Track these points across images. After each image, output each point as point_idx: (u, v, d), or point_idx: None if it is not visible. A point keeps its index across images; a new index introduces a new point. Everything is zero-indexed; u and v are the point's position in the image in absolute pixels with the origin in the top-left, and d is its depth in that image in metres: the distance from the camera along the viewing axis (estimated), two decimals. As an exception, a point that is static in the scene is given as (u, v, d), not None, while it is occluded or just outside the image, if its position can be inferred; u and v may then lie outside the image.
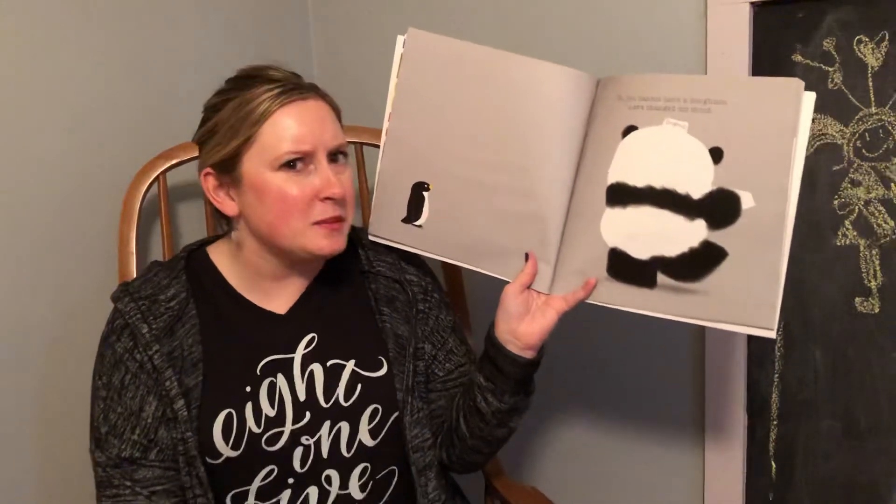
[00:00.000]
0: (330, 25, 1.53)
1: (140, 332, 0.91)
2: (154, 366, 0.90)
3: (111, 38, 1.18)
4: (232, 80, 0.95)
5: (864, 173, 1.12)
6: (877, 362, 1.14)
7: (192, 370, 0.92)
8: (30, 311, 1.10)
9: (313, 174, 0.91)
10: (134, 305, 0.92)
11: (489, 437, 1.01)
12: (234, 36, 1.39)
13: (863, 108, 1.10)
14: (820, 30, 1.10)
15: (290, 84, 0.92)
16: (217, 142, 0.92)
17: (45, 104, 1.10)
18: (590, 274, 0.92)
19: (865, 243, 1.13)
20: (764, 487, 1.26)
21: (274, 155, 0.89)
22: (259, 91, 0.90)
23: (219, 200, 0.94)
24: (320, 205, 0.91)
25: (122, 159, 1.19)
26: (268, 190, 0.90)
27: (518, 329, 0.95)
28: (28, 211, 1.09)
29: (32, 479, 1.12)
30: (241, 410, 0.92)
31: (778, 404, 1.23)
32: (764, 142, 0.84)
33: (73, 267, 1.15)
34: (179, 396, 0.90)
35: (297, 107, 0.91)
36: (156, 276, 0.96)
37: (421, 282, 1.05)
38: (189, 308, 0.94)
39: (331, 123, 0.94)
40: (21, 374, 1.10)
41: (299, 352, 0.96)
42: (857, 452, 1.18)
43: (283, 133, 0.90)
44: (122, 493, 0.91)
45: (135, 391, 0.91)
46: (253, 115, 0.90)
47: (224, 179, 0.93)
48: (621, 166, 0.90)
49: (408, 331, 1.00)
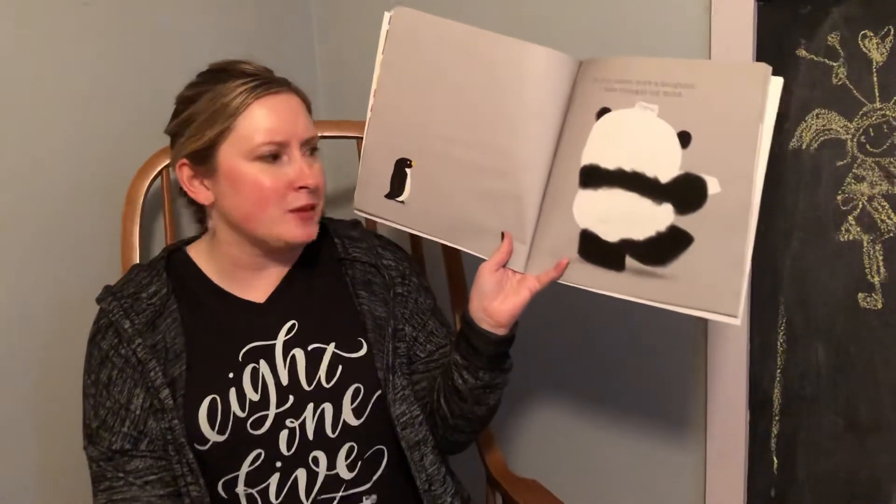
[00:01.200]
0: (332, 21, 1.53)
1: (123, 328, 0.94)
2: (139, 359, 0.93)
3: (114, 33, 1.18)
4: (205, 74, 0.97)
5: (868, 169, 1.11)
6: (879, 358, 1.14)
7: (176, 360, 0.94)
8: (33, 305, 1.11)
9: (287, 165, 0.94)
10: (117, 304, 0.95)
11: (469, 415, 1.02)
12: (238, 31, 1.39)
13: (867, 104, 1.10)
14: (825, 25, 1.10)
15: (264, 78, 0.95)
16: (192, 133, 0.94)
17: (48, 99, 1.10)
18: (563, 255, 0.93)
19: (869, 239, 1.13)
20: (765, 483, 1.26)
21: (250, 146, 0.92)
22: (234, 84, 0.93)
23: (193, 190, 0.97)
24: (294, 194, 0.94)
25: (125, 154, 1.19)
26: (243, 180, 0.93)
27: (490, 306, 0.96)
28: (31, 205, 1.10)
29: (34, 473, 1.13)
30: (226, 395, 0.94)
31: (780, 400, 1.23)
32: (730, 127, 0.83)
33: (76, 261, 1.15)
34: (164, 386, 0.92)
35: (272, 100, 0.94)
36: (137, 276, 1.00)
37: (398, 266, 1.08)
38: (170, 303, 0.97)
39: (303, 116, 0.97)
40: (24, 367, 1.11)
41: (280, 338, 0.99)
42: (858, 448, 1.18)
43: (259, 125, 0.92)
44: (116, 485, 0.93)
45: (122, 385, 0.94)
46: (229, 107, 0.92)
47: (199, 169, 0.96)
48: (595, 148, 0.90)
49: (386, 312, 1.03)
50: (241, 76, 0.94)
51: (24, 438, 1.12)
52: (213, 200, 0.96)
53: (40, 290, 1.11)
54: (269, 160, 0.93)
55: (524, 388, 1.44)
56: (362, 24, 1.49)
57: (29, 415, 1.12)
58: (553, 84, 0.92)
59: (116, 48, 1.19)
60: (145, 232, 1.20)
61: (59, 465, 1.15)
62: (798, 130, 1.15)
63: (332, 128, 1.30)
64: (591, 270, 0.92)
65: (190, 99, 0.95)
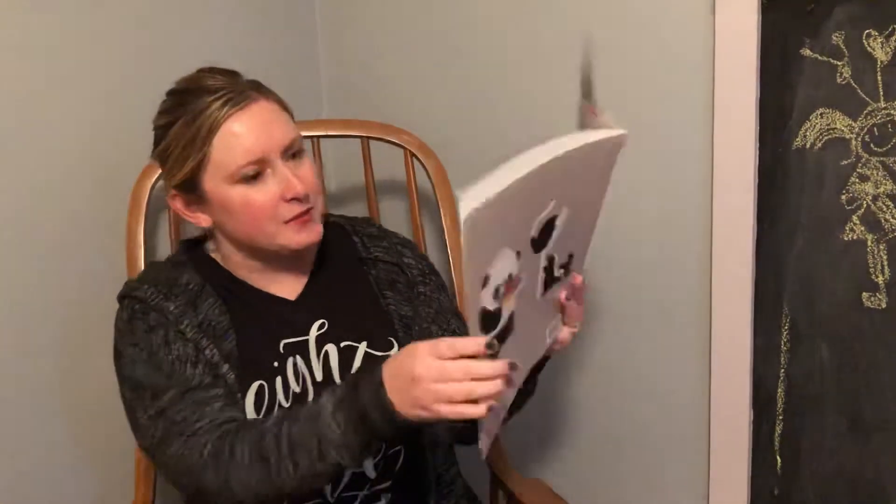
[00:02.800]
0: (336, 19, 1.53)
1: (167, 310, 0.92)
2: (189, 338, 0.92)
3: (119, 33, 1.19)
4: (173, 95, 0.95)
5: (872, 168, 1.11)
6: (884, 358, 1.14)
7: (224, 336, 0.94)
8: (39, 303, 1.11)
9: (271, 177, 0.92)
10: (154, 290, 0.94)
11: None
12: (242, 30, 1.39)
13: (871, 103, 1.09)
14: (829, 24, 1.10)
15: (229, 91, 0.91)
16: (172, 164, 0.93)
17: (54, 100, 1.11)
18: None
19: (873, 238, 1.13)
20: (769, 482, 1.26)
21: (229, 171, 0.91)
22: (201, 106, 0.90)
23: (192, 216, 0.97)
24: (285, 205, 0.93)
25: (130, 152, 1.19)
26: (232, 204, 0.92)
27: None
28: (36, 205, 1.10)
29: (59, 469, 1.14)
30: (273, 383, 0.94)
31: (784, 399, 1.23)
32: None
33: (81, 260, 1.16)
34: (223, 361, 0.92)
35: (241, 115, 0.91)
36: (163, 267, 0.99)
37: (419, 265, 1.08)
38: (206, 288, 0.97)
39: (278, 123, 0.93)
40: (31, 366, 1.11)
41: (313, 333, 0.99)
42: (862, 448, 1.17)
43: (234, 147, 0.90)
44: (191, 418, 0.87)
45: (184, 343, 0.91)
46: (200, 133, 0.90)
47: (189, 198, 0.95)
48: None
49: (411, 311, 1.03)
50: (207, 94, 0.91)
51: (44, 438, 1.12)
52: (212, 223, 0.96)
53: (46, 289, 1.12)
54: (252, 179, 0.91)
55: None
56: (367, 22, 1.49)
57: (42, 410, 1.12)
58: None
59: (120, 47, 1.19)
60: (150, 230, 1.20)
61: (63, 464, 1.16)
62: (802, 130, 1.15)
63: (336, 126, 1.30)
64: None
65: (164, 127, 0.94)
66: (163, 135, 0.94)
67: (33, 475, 1.12)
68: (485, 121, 1.40)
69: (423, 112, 1.44)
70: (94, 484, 1.20)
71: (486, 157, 1.36)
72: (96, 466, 1.20)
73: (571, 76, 1.29)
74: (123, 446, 1.09)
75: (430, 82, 1.44)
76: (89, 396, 1.17)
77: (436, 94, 1.44)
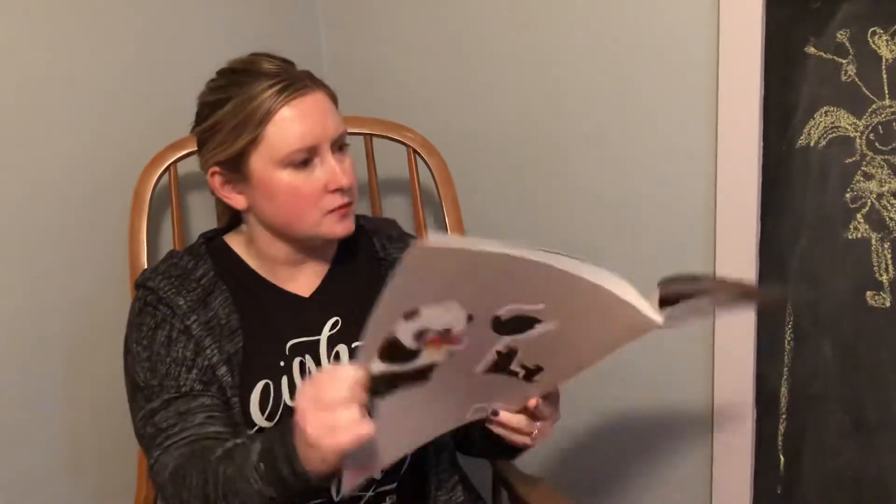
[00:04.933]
0: (339, 16, 1.53)
1: (176, 304, 0.92)
2: (194, 335, 0.92)
3: (121, 31, 1.18)
4: (226, 74, 0.95)
5: (876, 166, 1.11)
6: (887, 357, 1.14)
7: (231, 337, 0.93)
8: (42, 301, 1.11)
9: (318, 167, 0.93)
10: (167, 282, 0.94)
11: (496, 449, 0.98)
12: (244, 27, 1.39)
13: (876, 101, 1.09)
14: (834, 21, 1.09)
15: (287, 77, 0.92)
16: (221, 140, 0.92)
17: (56, 96, 1.11)
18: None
19: (877, 237, 1.12)
20: (772, 481, 1.25)
21: (281, 154, 0.91)
22: (259, 88, 0.91)
23: (227, 196, 0.96)
24: (329, 196, 0.93)
25: (133, 150, 1.19)
26: (278, 188, 0.92)
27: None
28: (39, 201, 1.10)
29: (61, 468, 1.14)
30: (278, 382, 0.94)
31: (787, 398, 1.22)
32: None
33: (84, 257, 1.15)
34: (221, 363, 0.91)
35: (299, 103, 0.91)
36: (180, 260, 0.98)
37: None
38: (219, 284, 0.96)
39: (331, 114, 0.95)
40: (36, 363, 1.11)
41: (325, 333, 0.98)
42: (865, 447, 1.17)
43: (289, 131, 0.91)
44: (173, 431, 0.88)
45: (185, 343, 0.92)
46: (257, 114, 0.90)
47: (231, 177, 0.94)
48: None
49: None
50: (265, 77, 0.92)
51: (46, 436, 1.12)
52: (247, 205, 0.96)
53: (50, 285, 1.11)
54: (300, 165, 0.91)
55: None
56: (369, 20, 1.49)
57: (46, 411, 1.12)
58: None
59: (123, 45, 1.19)
60: (153, 228, 1.20)
61: (66, 464, 1.16)
62: (806, 128, 1.14)
63: (339, 124, 1.29)
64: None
65: (214, 104, 0.93)
66: (211, 111, 0.93)
67: (34, 473, 1.12)
68: (488, 119, 1.40)
69: (427, 110, 1.44)
70: (94, 482, 1.20)
71: (490, 155, 1.37)
72: (97, 464, 1.20)
73: (574, 74, 1.29)
74: (125, 445, 1.08)
75: (434, 80, 1.44)
76: (92, 394, 1.17)
77: (439, 91, 1.44)
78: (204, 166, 0.96)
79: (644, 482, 1.38)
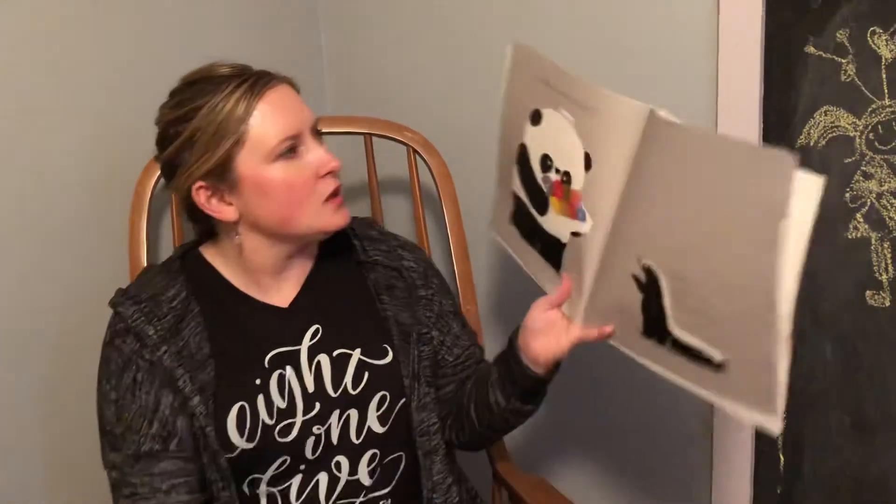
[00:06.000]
0: (339, 16, 1.53)
1: (146, 335, 0.91)
2: (165, 366, 0.91)
3: (122, 30, 1.18)
4: (184, 89, 0.93)
5: (876, 166, 1.11)
6: (887, 356, 1.14)
7: (203, 366, 0.92)
8: (41, 301, 1.11)
9: (305, 155, 0.92)
10: (136, 308, 0.92)
11: (497, 427, 1.04)
12: (245, 27, 1.39)
13: (876, 101, 1.09)
14: (834, 21, 1.09)
15: (251, 74, 0.91)
16: (201, 152, 0.89)
17: (56, 95, 1.11)
18: (618, 317, 0.89)
19: (877, 236, 1.12)
20: (772, 480, 1.25)
21: (268, 147, 0.89)
22: (227, 90, 0.89)
23: (215, 210, 0.93)
24: (322, 181, 0.93)
25: (133, 149, 1.19)
26: (272, 184, 0.90)
27: (531, 344, 0.95)
28: (39, 201, 1.10)
29: (41, 472, 1.13)
30: (254, 403, 0.93)
31: (787, 398, 1.22)
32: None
33: (84, 257, 1.15)
34: (195, 393, 0.90)
35: (272, 95, 0.90)
36: (154, 278, 0.97)
37: (419, 267, 1.06)
38: (192, 306, 0.95)
39: (303, 102, 0.95)
40: (32, 364, 1.11)
41: (305, 343, 0.97)
42: (866, 446, 1.17)
43: (271, 124, 0.90)
44: (140, 491, 0.90)
45: (149, 386, 0.91)
46: (234, 114, 0.88)
47: (218, 187, 0.92)
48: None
49: (410, 317, 1.02)
50: (228, 80, 0.90)
51: (32, 438, 1.12)
52: (238, 215, 0.93)
53: (49, 285, 1.11)
54: (289, 156, 0.91)
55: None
56: (370, 19, 1.49)
57: (38, 414, 1.12)
58: (619, 134, 0.81)
59: (122, 45, 1.19)
60: (153, 227, 1.20)
61: (67, 465, 1.15)
62: (806, 127, 1.14)
63: (340, 123, 1.30)
64: (636, 337, 0.88)
65: (181, 119, 0.90)
66: (180, 127, 0.90)
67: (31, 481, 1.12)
68: (488, 118, 1.39)
69: (427, 109, 1.44)
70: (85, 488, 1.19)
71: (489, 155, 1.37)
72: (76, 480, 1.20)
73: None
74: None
75: (434, 79, 1.44)
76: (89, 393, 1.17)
77: (439, 91, 1.44)
78: (182, 187, 0.92)
79: (644, 482, 1.38)
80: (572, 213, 0.90)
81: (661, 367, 0.86)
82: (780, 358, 0.75)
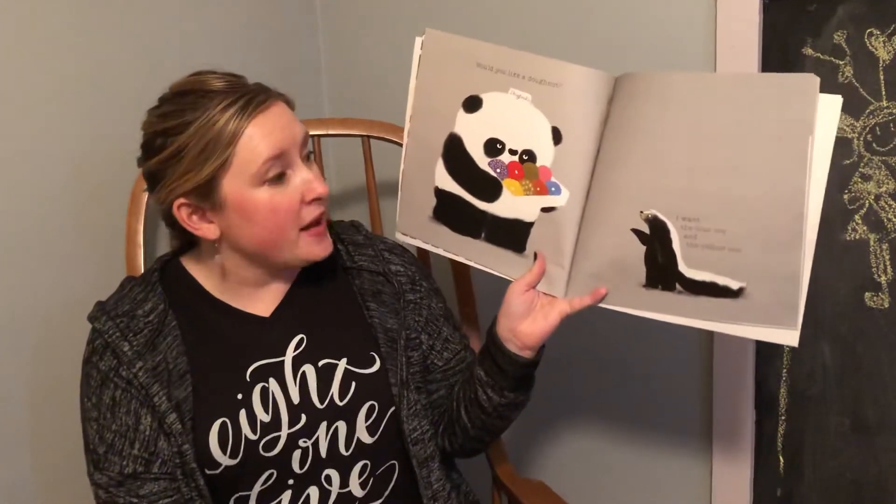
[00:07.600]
0: (337, 19, 1.53)
1: (122, 351, 0.89)
2: (140, 383, 0.89)
3: (117, 32, 1.18)
4: (174, 98, 0.90)
5: (874, 167, 1.11)
6: (886, 358, 1.14)
7: (180, 382, 0.90)
8: (35, 304, 1.10)
9: (293, 178, 0.90)
10: (112, 324, 0.91)
11: (491, 427, 1.02)
12: (244, 30, 1.39)
13: (874, 102, 1.09)
14: (831, 23, 1.10)
15: (244, 92, 0.88)
16: (186, 169, 0.87)
17: (53, 98, 1.10)
18: (612, 278, 0.90)
19: (875, 238, 1.13)
20: (772, 483, 1.25)
21: (254, 171, 0.87)
22: (219, 108, 0.86)
23: (196, 227, 0.91)
24: (306, 208, 0.91)
25: (130, 150, 1.18)
26: (255, 207, 0.88)
27: (518, 328, 0.94)
28: (35, 202, 1.09)
29: (29, 476, 1.13)
30: (236, 418, 0.91)
31: (786, 400, 1.22)
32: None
33: (80, 258, 1.15)
34: (171, 410, 0.88)
35: (263, 117, 0.88)
36: (130, 291, 0.95)
37: (407, 272, 1.04)
38: (169, 319, 0.93)
39: (295, 121, 0.92)
40: (24, 366, 1.10)
41: (289, 354, 0.95)
42: (865, 448, 1.17)
43: (260, 147, 0.87)
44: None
45: (128, 405, 0.89)
46: (223, 135, 0.86)
47: (200, 206, 0.89)
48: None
49: (397, 323, 0.99)
50: (221, 95, 0.87)
51: (23, 441, 1.11)
52: (219, 234, 0.91)
53: (44, 288, 1.11)
54: (275, 181, 0.88)
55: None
56: (368, 21, 1.49)
57: (27, 417, 1.11)
58: (590, 104, 0.88)
59: (120, 47, 1.18)
60: (149, 229, 1.19)
61: (56, 468, 1.15)
62: (804, 129, 1.15)
63: (337, 125, 1.29)
64: (636, 292, 0.89)
65: (168, 132, 0.87)
66: (167, 140, 0.87)
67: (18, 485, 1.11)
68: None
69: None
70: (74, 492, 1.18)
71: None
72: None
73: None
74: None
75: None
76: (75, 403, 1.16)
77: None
78: (164, 200, 0.90)
79: (644, 484, 1.38)
80: (541, 189, 0.92)
81: (667, 315, 0.89)
82: (806, 267, 0.80)
